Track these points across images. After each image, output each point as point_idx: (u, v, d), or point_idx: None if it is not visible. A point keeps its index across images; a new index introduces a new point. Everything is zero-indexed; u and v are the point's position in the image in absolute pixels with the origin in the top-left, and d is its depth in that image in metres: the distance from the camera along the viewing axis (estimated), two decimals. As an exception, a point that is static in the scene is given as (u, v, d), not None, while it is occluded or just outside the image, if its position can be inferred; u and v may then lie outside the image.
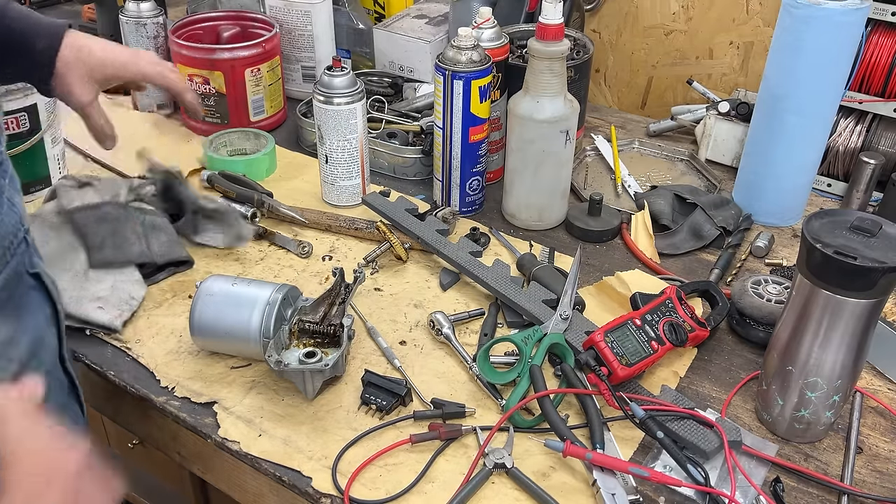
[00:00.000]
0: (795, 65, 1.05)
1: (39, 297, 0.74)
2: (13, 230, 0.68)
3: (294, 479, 0.79)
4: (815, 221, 0.76)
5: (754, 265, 1.10)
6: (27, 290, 0.72)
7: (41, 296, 0.75)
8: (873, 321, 0.76)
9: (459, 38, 1.06)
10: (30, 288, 0.73)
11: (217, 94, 1.31)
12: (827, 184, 1.25)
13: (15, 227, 0.68)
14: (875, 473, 0.81)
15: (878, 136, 1.19)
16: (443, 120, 1.11)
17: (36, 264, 0.74)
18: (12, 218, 0.67)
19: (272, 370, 0.84)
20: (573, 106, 1.08)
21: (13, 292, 0.70)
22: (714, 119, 1.30)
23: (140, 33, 1.35)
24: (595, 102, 1.59)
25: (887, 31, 1.14)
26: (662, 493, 0.78)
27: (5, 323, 0.68)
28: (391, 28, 1.46)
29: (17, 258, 0.69)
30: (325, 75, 1.11)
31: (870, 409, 0.88)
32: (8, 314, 0.69)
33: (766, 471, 0.80)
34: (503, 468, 0.79)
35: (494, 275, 1.00)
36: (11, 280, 0.69)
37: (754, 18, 1.42)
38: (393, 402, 0.85)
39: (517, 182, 1.13)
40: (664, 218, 1.16)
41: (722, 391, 0.90)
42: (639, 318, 0.89)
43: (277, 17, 1.42)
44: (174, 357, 0.93)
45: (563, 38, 1.04)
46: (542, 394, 0.82)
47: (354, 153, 1.15)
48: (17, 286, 0.70)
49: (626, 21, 1.54)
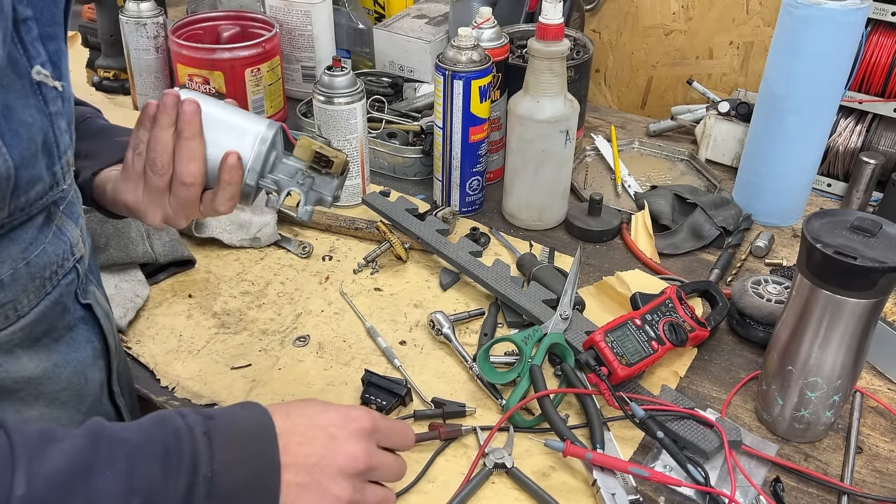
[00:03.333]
0: (795, 65, 1.05)
1: (88, 329, 0.67)
2: (57, 259, 0.61)
3: (294, 478, 0.79)
4: (815, 221, 0.76)
5: (754, 265, 1.10)
6: (73, 322, 0.66)
7: (90, 328, 0.68)
8: (873, 321, 0.76)
9: (459, 38, 1.06)
10: (77, 320, 0.66)
11: (217, 94, 1.31)
12: (827, 184, 1.25)
13: (60, 256, 0.62)
14: (875, 473, 0.81)
15: (878, 136, 1.19)
16: (443, 120, 1.11)
17: (90, 294, 0.67)
18: (58, 247, 0.61)
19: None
20: (573, 106, 1.08)
21: (54, 324, 0.63)
22: (714, 119, 1.30)
23: (140, 33, 1.35)
24: (595, 102, 1.59)
25: (887, 31, 1.14)
26: (662, 493, 0.78)
27: (40, 357, 0.62)
28: (391, 28, 1.46)
29: (60, 289, 0.62)
30: (325, 75, 1.11)
31: (870, 409, 0.88)
32: (43, 347, 0.63)
33: (766, 471, 0.80)
34: (503, 468, 0.79)
35: (494, 275, 1.00)
36: (51, 311, 0.62)
37: (754, 18, 1.42)
38: (393, 402, 0.85)
39: (517, 182, 1.13)
40: (664, 218, 1.16)
41: (722, 391, 0.90)
42: (639, 318, 0.89)
43: (277, 17, 1.42)
44: (174, 357, 0.93)
45: (563, 38, 1.04)
46: (542, 394, 0.82)
47: (354, 153, 1.15)
48: (60, 318, 0.64)
49: (626, 21, 1.54)
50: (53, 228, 0.61)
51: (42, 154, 0.56)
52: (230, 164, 0.65)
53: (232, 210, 0.68)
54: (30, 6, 0.53)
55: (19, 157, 0.52)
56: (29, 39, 0.53)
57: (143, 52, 1.36)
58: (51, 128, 0.56)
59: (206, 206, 0.67)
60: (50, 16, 0.55)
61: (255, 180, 0.67)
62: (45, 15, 0.55)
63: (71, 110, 0.60)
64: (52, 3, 0.56)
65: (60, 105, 0.57)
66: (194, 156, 0.64)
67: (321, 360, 0.93)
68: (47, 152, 0.56)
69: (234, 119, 0.67)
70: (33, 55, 0.53)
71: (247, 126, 0.67)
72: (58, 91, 0.56)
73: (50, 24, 0.55)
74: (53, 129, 0.56)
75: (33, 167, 0.55)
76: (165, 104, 0.64)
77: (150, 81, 1.39)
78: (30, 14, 0.53)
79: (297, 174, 0.69)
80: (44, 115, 0.55)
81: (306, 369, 0.91)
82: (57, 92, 0.56)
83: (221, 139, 0.66)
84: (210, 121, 0.65)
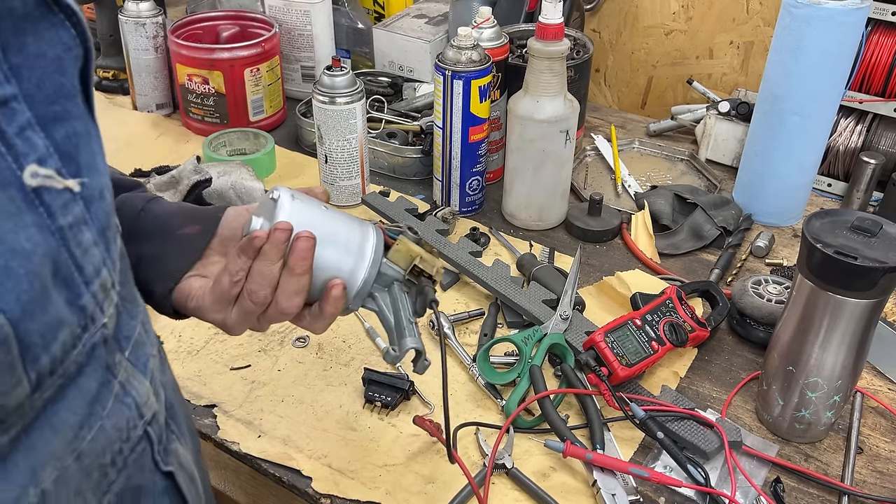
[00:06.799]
0: (796, 64, 1.05)
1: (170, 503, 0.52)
2: (120, 435, 0.45)
3: (294, 479, 0.79)
4: (815, 221, 0.76)
5: (755, 265, 1.10)
6: (153, 499, 0.50)
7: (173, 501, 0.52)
8: (874, 321, 0.76)
9: (459, 38, 1.06)
10: (159, 494, 0.50)
11: (216, 94, 1.31)
12: (827, 184, 1.25)
13: (127, 424, 0.45)
14: (875, 474, 0.81)
15: (879, 136, 1.19)
16: (443, 120, 1.11)
17: (171, 458, 0.52)
18: (123, 412, 0.45)
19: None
20: (573, 106, 1.08)
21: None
22: (714, 119, 1.30)
23: (139, 33, 1.34)
24: (595, 102, 1.59)
25: (887, 31, 1.14)
26: (663, 494, 0.77)
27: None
28: (391, 28, 1.46)
29: (127, 471, 0.46)
30: (324, 75, 1.11)
31: (870, 410, 0.88)
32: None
33: (767, 471, 0.80)
34: (503, 468, 0.78)
35: (494, 275, 1.00)
36: (123, 497, 0.46)
37: (754, 18, 1.41)
38: (397, 398, 0.85)
39: (517, 182, 1.13)
40: (664, 218, 1.16)
41: (722, 391, 0.90)
42: (639, 319, 0.89)
43: (277, 17, 1.42)
44: (174, 357, 0.93)
45: (563, 37, 1.04)
46: (543, 394, 0.82)
47: (354, 153, 1.15)
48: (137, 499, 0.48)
49: (625, 21, 1.54)
50: (115, 388, 0.44)
51: (57, 288, 0.38)
52: (335, 297, 0.59)
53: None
54: (15, 79, 0.36)
55: (16, 303, 0.35)
56: (13, 130, 0.36)
57: (142, 52, 1.36)
58: (64, 247, 0.38)
59: (299, 322, 0.63)
60: (54, 87, 0.38)
61: (357, 306, 0.63)
62: (45, 88, 0.38)
63: (106, 209, 0.42)
64: (56, 67, 0.38)
65: (81, 211, 0.39)
66: (301, 290, 0.59)
67: (321, 360, 0.93)
68: (64, 283, 0.38)
69: (335, 230, 0.61)
70: (23, 152, 0.36)
71: (349, 239, 0.61)
72: (72, 193, 0.39)
73: (54, 100, 0.38)
74: (69, 249, 0.38)
75: (46, 311, 0.37)
76: (277, 240, 0.57)
77: (149, 81, 1.39)
78: (12, 92, 0.36)
79: (394, 287, 0.64)
80: (49, 233, 0.37)
81: (306, 370, 0.91)
82: (71, 195, 0.38)
83: (325, 256, 0.60)
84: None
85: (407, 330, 0.63)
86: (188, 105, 1.35)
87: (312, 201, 0.62)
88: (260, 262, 0.58)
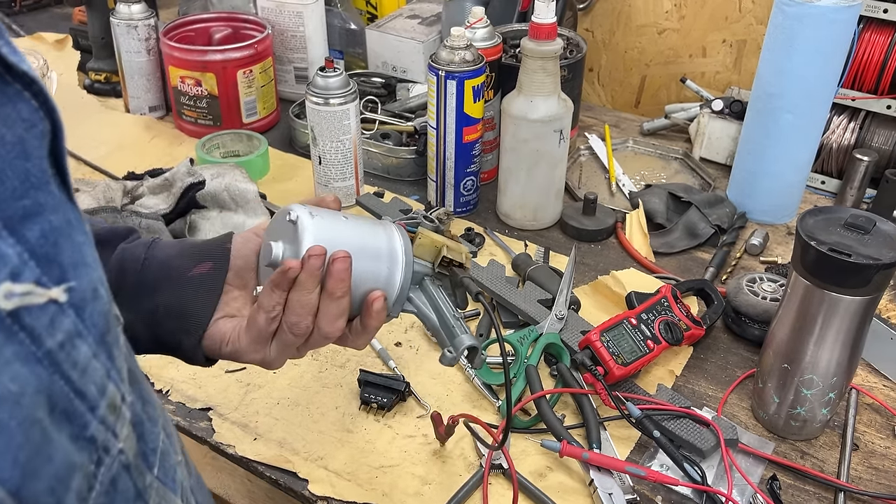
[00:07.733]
0: (788, 62, 1.05)
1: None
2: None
3: (290, 482, 0.78)
4: (809, 219, 0.77)
5: (749, 263, 1.10)
6: None
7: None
8: (868, 318, 0.76)
9: (452, 38, 1.06)
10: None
11: (209, 95, 1.31)
12: (821, 181, 1.25)
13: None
14: (871, 470, 0.81)
15: (871, 133, 1.19)
16: (436, 120, 1.11)
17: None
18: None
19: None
20: (567, 105, 1.08)
21: None
22: (708, 117, 1.30)
23: (131, 35, 1.34)
24: (589, 101, 1.59)
25: (879, 28, 1.14)
26: (659, 493, 0.78)
27: None
28: (384, 28, 1.46)
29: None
30: (317, 76, 1.10)
31: (865, 406, 0.88)
32: None
33: (763, 469, 0.80)
34: (500, 469, 0.78)
35: (490, 275, 1.00)
36: None
37: (747, 16, 1.42)
38: (394, 399, 0.85)
39: (511, 182, 1.13)
40: (659, 216, 1.16)
41: (718, 389, 0.90)
42: (634, 318, 0.89)
43: (269, 19, 1.41)
44: (169, 360, 0.92)
45: (556, 37, 1.04)
46: (539, 394, 0.82)
47: (348, 154, 1.14)
48: None
49: (618, 20, 1.54)
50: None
51: (57, 425, 0.30)
52: (377, 310, 0.57)
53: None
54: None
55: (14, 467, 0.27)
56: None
57: (134, 55, 1.36)
58: (57, 374, 0.30)
59: (343, 343, 0.60)
60: (19, 178, 0.29)
61: (398, 312, 0.60)
62: (8, 181, 0.28)
63: (103, 310, 0.33)
64: (19, 153, 0.29)
65: (72, 323, 0.30)
66: (343, 312, 0.56)
67: (316, 362, 0.92)
68: (65, 417, 0.30)
69: (362, 240, 0.58)
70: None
71: (377, 246, 0.59)
72: (59, 305, 0.30)
73: (22, 194, 0.29)
74: (64, 374, 0.30)
75: (50, 460, 0.29)
76: (313, 268, 0.54)
77: (141, 84, 1.38)
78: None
79: (426, 283, 0.61)
80: (37, 361, 0.28)
81: (301, 372, 0.91)
82: (57, 307, 0.30)
83: (359, 270, 0.57)
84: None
85: (456, 328, 0.60)
86: (181, 107, 1.35)
87: (331, 214, 0.59)
88: (297, 292, 0.55)
